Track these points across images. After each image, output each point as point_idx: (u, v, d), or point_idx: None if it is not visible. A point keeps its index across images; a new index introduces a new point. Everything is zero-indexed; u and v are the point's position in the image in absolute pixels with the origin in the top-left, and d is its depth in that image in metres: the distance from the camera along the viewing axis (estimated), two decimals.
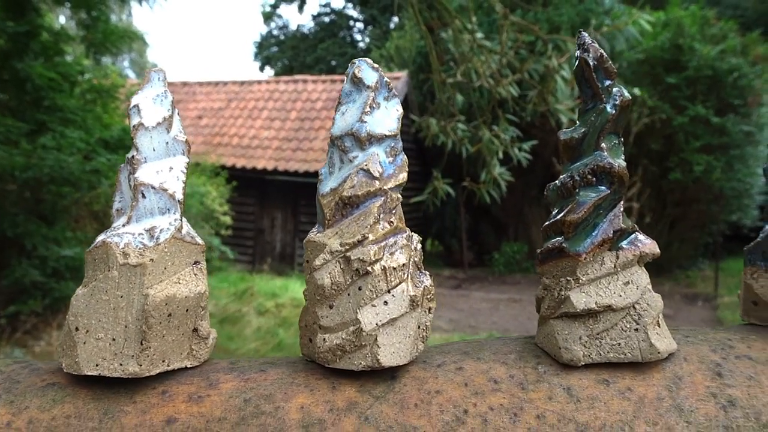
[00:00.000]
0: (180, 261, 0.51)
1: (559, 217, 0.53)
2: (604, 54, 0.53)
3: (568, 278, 0.52)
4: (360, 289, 0.51)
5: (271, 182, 10.36)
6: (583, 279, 0.52)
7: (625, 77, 9.74)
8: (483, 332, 7.10)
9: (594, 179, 0.52)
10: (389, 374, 0.52)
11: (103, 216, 8.19)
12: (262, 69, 18.08)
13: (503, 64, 5.53)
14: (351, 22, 16.75)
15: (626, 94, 0.53)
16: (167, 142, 0.53)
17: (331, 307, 0.51)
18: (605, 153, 0.53)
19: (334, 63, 15.46)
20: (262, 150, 10.42)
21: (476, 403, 0.49)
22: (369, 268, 0.50)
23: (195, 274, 0.52)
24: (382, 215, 0.52)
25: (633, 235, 0.53)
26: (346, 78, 0.55)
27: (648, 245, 0.53)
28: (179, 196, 0.52)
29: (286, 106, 10.90)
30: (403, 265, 0.52)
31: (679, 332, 0.58)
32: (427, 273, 0.55)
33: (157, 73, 0.55)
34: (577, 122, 0.55)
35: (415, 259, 0.54)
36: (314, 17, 17.02)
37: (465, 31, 5.36)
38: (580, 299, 0.52)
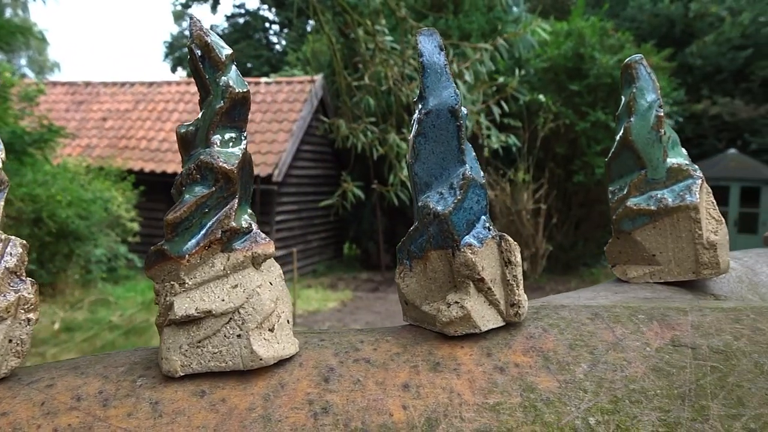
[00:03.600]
0: None
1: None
2: (211, 44, 0.50)
3: (173, 282, 0.49)
4: None
5: None
6: (190, 283, 0.49)
7: (531, 84, 10.11)
8: None
9: (199, 176, 0.49)
10: None
11: None
12: (173, 70, 17.48)
13: (413, 67, 5.56)
14: (266, 24, 16.48)
15: (236, 86, 0.50)
16: None
17: None
18: (212, 149, 0.49)
19: (249, 65, 15.14)
20: (173, 153, 10.05)
21: (41, 424, 0.44)
22: None
23: None
24: None
25: (248, 236, 0.51)
26: None
27: (262, 245, 0.51)
28: None
29: (198, 109, 10.54)
30: None
31: (319, 336, 0.55)
32: (29, 280, 0.50)
33: None
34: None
35: (9, 265, 0.48)
36: (228, 18, 16.63)
37: (370, 35, 5.36)
38: (182, 305, 0.48)
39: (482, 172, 0.54)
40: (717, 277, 0.70)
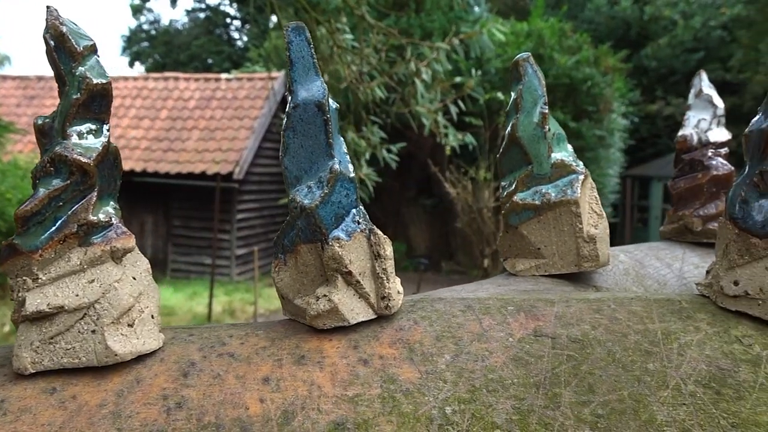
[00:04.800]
0: None
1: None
2: (66, 34, 0.48)
3: (26, 278, 0.48)
4: None
5: (140, 184, 9.80)
6: (44, 278, 0.48)
7: (493, 83, 10.23)
8: None
9: (53, 169, 0.48)
10: None
11: None
12: (131, 65, 17.04)
13: (372, 66, 5.55)
14: (228, 20, 16.23)
15: (94, 78, 0.49)
16: None
17: None
18: (69, 141, 0.48)
19: (210, 61, 14.88)
20: (130, 150, 9.84)
21: None
22: None
23: None
24: None
25: (107, 230, 0.50)
26: None
27: (122, 239, 0.50)
28: None
29: (156, 105, 10.37)
30: None
31: (189, 331, 0.55)
32: None
33: None
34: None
35: None
36: (188, 13, 16.31)
37: (329, 33, 5.33)
38: (34, 301, 0.47)
39: (352, 166, 0.54)
40: (603, 270, 0.73)
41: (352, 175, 0.54)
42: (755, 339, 0.50)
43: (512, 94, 0.71)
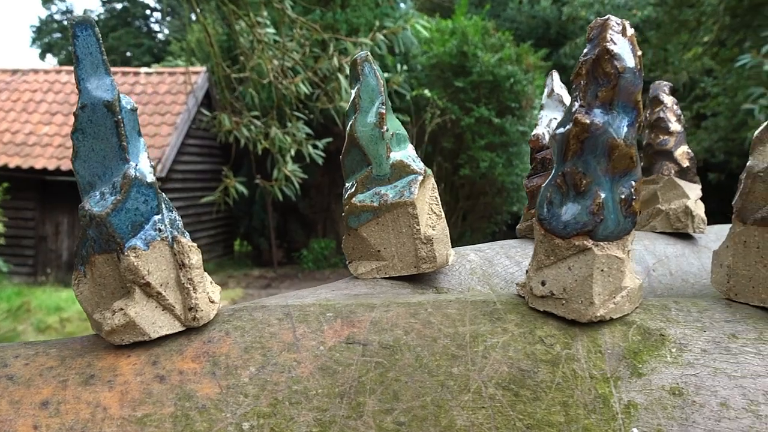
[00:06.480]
0: None
1: None
2: None
3: None
4: None
5: (54, 184, 9.28)
6: None
7: (419, 80, 10.34)
8: None
9: None
10: None
11: None
12: (42, 57, 16.04)
13: (295, 61, 5.45)
14: (147, 11, 15.57)
15: None
16: None
17: None
18: None
19: (129, 54, 14.19)
20: (42, 148, 9.28)
21: None
22: None
23: None
24: None
25: None
26: None
27: None
28: None
29: (70, 99, 9.82)
30: None
31: None
32: None
33: None
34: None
35: None
36: (104, 3, 15.48)
37: (249, 27, 5.20)
38: None
39: (152, 169, 0.51)
40: (449, 270, 0.73)
41: (151, 179, 0.50)
42: (557, 339, 0.51)
43: (351, 93, 0.69)
